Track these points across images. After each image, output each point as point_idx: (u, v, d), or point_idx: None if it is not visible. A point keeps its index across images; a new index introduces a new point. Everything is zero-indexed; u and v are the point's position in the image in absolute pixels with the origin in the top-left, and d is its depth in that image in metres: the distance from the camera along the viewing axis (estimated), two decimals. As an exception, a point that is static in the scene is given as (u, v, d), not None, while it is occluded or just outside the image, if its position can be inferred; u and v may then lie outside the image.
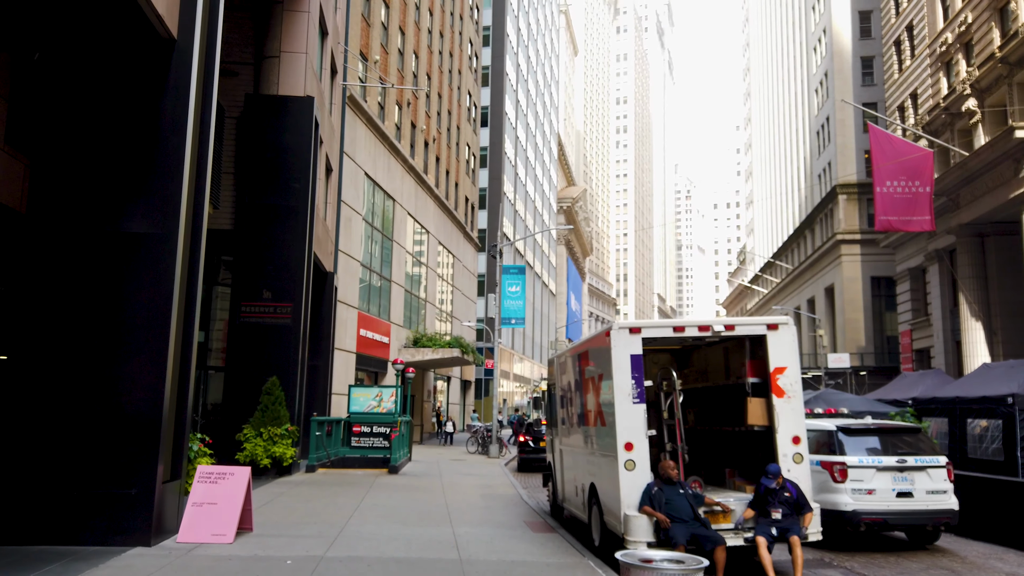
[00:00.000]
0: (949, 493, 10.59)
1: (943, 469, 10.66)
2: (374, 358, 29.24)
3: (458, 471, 20.61)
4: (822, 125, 60.83)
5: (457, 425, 44.03)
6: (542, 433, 22.43)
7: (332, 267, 24.33)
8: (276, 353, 18.01)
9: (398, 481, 17.19)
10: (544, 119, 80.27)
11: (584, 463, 10.21)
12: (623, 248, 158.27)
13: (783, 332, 8.60)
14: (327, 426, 20.26)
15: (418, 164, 35.23)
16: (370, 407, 22.03)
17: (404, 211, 33.28)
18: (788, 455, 8.34)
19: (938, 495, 10.43)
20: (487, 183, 57.22)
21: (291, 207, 18.53)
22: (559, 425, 12.15)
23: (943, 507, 10.41)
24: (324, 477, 17.44)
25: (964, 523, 11.28)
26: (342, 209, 25.93)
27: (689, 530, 7.79)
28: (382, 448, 21.32)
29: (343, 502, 13.12)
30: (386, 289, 31.16)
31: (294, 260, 18.44)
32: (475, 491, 15.70)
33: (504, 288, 28.75)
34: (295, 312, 18.23)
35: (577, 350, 10.56)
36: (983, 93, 32.94)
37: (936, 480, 10.50)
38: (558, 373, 12.25)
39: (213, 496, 9.24)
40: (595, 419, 9.42)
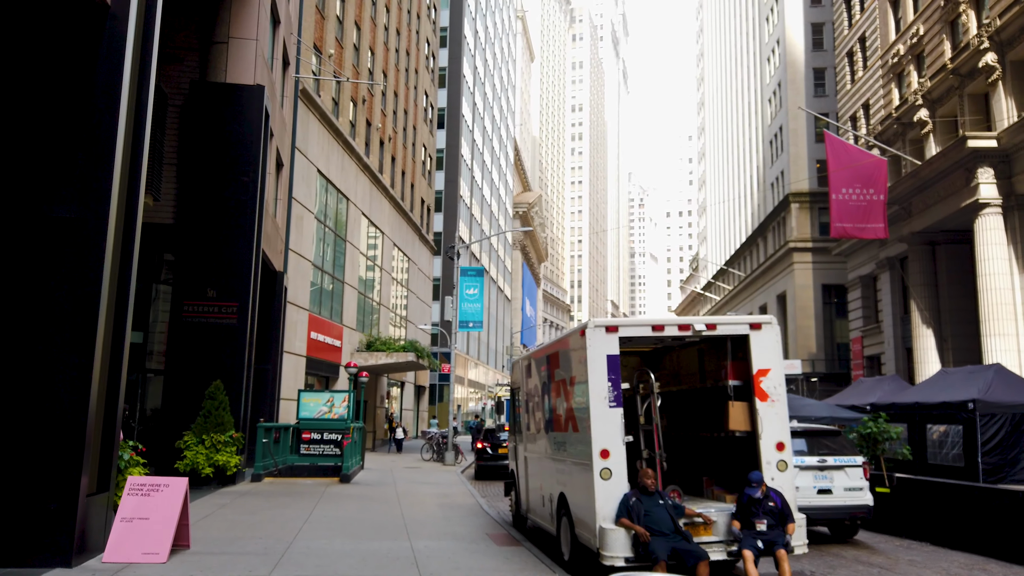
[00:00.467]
0: (865, 490, 11.39)
1: (859, 468, 11.50)
2: (325, 362, 28.19)
3: (413, 479, 19.78)
4: (775, 135, 61.69)
5: (409, 431, 43.02)
6: (501, 440, 21.75)
7: (282, 267, 23.29)
8: (221, 355, 16.97)
9: (350, 491, 16.31)
10: (501, 123, 79.83)
11: (553, 472, 9.58)
12: (578, 255, 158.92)
13: (766, 332, 8.12)
14: (275, 433, 19.25)
15: (373, 163, 34.30)
16: (321, 413, 21.06)
17: (358, 211, 32.31)
18: (772, 462, 7.85)
19: (855, 492, 11.29)
20: (443, 186, 56.41)
21: (239, 201, 17.54)
22: (524, 431, 11.50)
23: (859, 503, 11.26)
24: (271, 487, 16.46)
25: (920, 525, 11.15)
26: (293, 207, 24.91)
27: (670, 544, 7.21)
28: (333, 456, 20.37)
29: (291, 514, 12.24)
30: (339, 291, 30.14)
31: (241, 257, 17.44)
32: (432, 501, 14.94)
33: (462, 290, 28.04)
34: (242, 312, 17.22)
35: (546, 351, 9.93)
36: (935, 104, 33.56)
37: (853, 478, 11.34)
38: (523, 376, 11.61)
39: (145, 510, 8.33)
40: (566, 424, 8.80)
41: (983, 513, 10.66)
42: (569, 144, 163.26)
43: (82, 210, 8.18)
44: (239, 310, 17.19)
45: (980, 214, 28.01)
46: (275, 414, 22.35)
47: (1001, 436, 16.50)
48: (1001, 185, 27.78)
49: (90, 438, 8.13)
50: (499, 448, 21.43)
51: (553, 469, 9.52)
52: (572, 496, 8.64)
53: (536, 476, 10.71)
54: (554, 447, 9.39)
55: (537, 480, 10.68)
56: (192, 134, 17.72)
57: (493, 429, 22.39)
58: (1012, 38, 27.70)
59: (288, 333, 24.23)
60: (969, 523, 10.84)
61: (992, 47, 28.52)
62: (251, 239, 17.55)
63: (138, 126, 9.37)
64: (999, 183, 27.84)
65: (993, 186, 27.92)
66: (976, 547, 10.51)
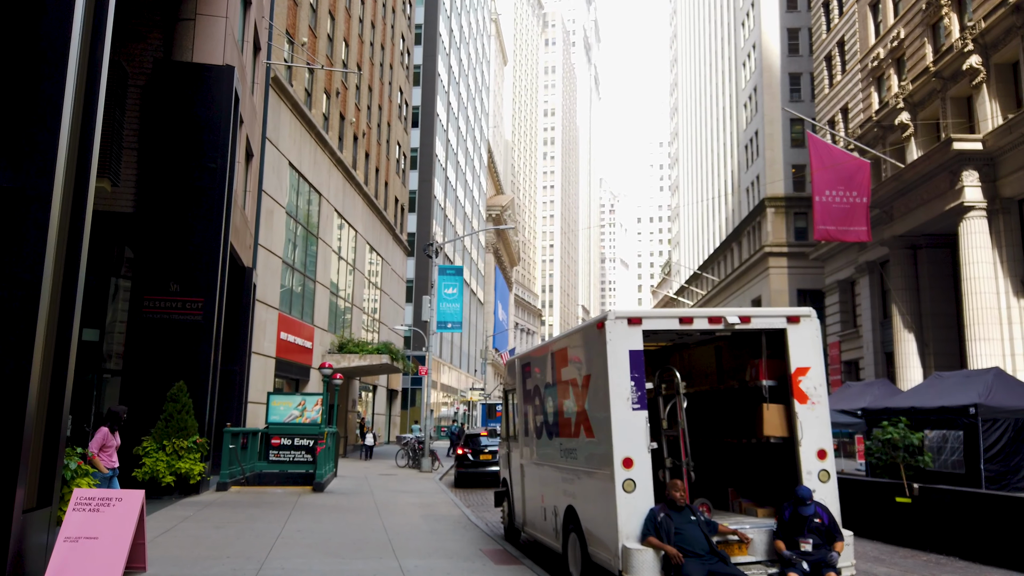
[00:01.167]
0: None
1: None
2: (296, 364, 26.91)
3: (391, 488, 18.67)
4: (750, 139, 61.63)
5: (380, 437, 41.72)
6: (483, 445, 20.73)
7: (251, 262, 22.04)
8: (184, 354, 15.72)
9: (325, 500, 15.16)
10: (475, 124, 78.86)
11: (558, 482, 8.61)
12: (549, 259, 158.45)
13: (805, 326, 7.26)
14: (243, 438, 18.01)
15: (346, 158, 33.10)
16: (292, 417, 19.85)
17: (331, 207, 31.08)
18: (813, 472, 6.97)
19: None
20: (417, 186, 55.25)
21: (205, 189, 16.32)
22: (521, 436, 10.51)
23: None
24: (239, 497, 15.24)
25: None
26: (263, 200, 23.67)
27: (705, 567, 6.29)
28: (305, 463, 19.18)
29: (262, 528, 11.10)
30: (310, 290, 28.88)
31: (207, 250, 16.22)
32: (415, 511, 13.86)
33: (440, 290, 26.95)
34: (207, 308, 16.00)
35: (550, 348, 8.97)
36: (916, 107, 33.36)
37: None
38: (519, 377, 10.63)
39: (93, 528, 7.18)
40: (577, 429, 7.84)
41: (1020, 525, 9.92)
42: (541, 148, 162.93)
43: (20, 178, 7.02)
44: (205, 306, 15.97)
45: (965, 217, 27.71)
46: (242, 418, 21.08)
47: (1004, 442, 15.92)
48: (986, 188, 27.52)
49: (28, 445, 6.97)
50: (481, 454, 20.41)
51: (559, 479, 8.55)
52: (584, 510, 7.68)
53: (536, 486, 9.73)
54: (561, 455, 8.43)
55: (536, 490, 9.70)
56: (155, 117, 16.46)
57: (474, 434, 21.35)
58: (997, 40, 27.50)
59: (257, 333, 22.96)
60: (1005, 536, 10.10)
61: (976, 49, 28.30)
62: (218, 230, 16.34)
63: (91, 95, 8.23)
64: (984, 186, 27.58)
65: (978, 189, 27.65)
66: (1014, 563, 9.77)
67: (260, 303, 23.33)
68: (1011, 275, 27.25)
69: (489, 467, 20.35)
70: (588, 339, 7.54)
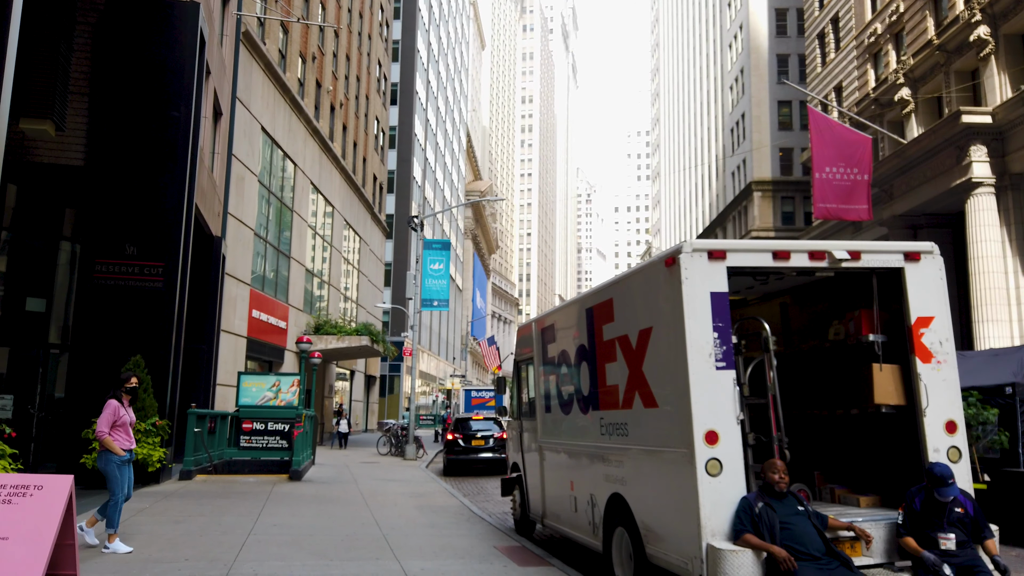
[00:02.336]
0: None
1: None
2: (269, 345, 25.04)
3: (376, 476, 16.97)
4: (736, 122, 60.50)
5: (358, 424, 39.89)
6: (474, 430, 19.11)
7: (220, 231, 20.14)
8: (142, 326, 13.86)
9: (304, 490, 13.42)
10: (454, 105, 76.85)
11: (596, 465, 7.02)
12: (526, 248, 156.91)
13: (927, 266, 5.73)
14: (210, 422, 16.19)
15: (323, 128, 31.14)
16: (265, 399, 18.06)
17: (307, 180, 29.14)
18: (941, 450, 5.45)
19: None
20: (396, 165, 53.25)
21: (167, 141, 14.43)
22: (540, 413, 8.90)
23: None
24: (205, 486, 13.46)
25: None
26: (233, 165, 21.73)
27: (824, 573, 4.73)
28: (280, 449, 17.42)
29: (231, 522, 9.38)
30: (284, 267, 26.97)
31: (169, 209, 14.35)
32: (407, 502, 12.21)
33: (425, 265, 25.19)
34: (169, 275, 14.14)
35: (587, 302, 7.35)
36: (917, 83, 32.25)
37: None
38: (538, 344, 9.01)
39: (3, 524, 5.44)
40: (628, 398, 6.25)
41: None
42: (519, 136, 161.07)
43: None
44: (166, 272, 14.11)
45: (972, 194, 26.58)
46: (210, 401, 19.24)
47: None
48: (994, 164, 26.40)
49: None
50: (472, 439, 18.79)
51: (598, 461, 6.96)
52: (639, 499, 6.09)
53: (562, 471, 8.13)
54: (603, 431, 6.83)
55: (562, 476, 8.11)
56: (110, 59, 14.49)
57: (465, 418, 19.72)
58: (1006, 10, 26.34)
59: (226, 309, 21.08)
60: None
61: (984, 20, 27.14)
62: (182, 187, 14.46)
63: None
64: (992, 162, 26.46)
65: (986, 164, 26.51)
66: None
67: (230, 277, 21.44)
68: (1020, 254, 26.21)
69: (481, 453, 18.77)
70: (649, 283, 5.93)
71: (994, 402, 15.49)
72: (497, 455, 18.82)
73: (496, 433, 19.08)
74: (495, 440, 18.93)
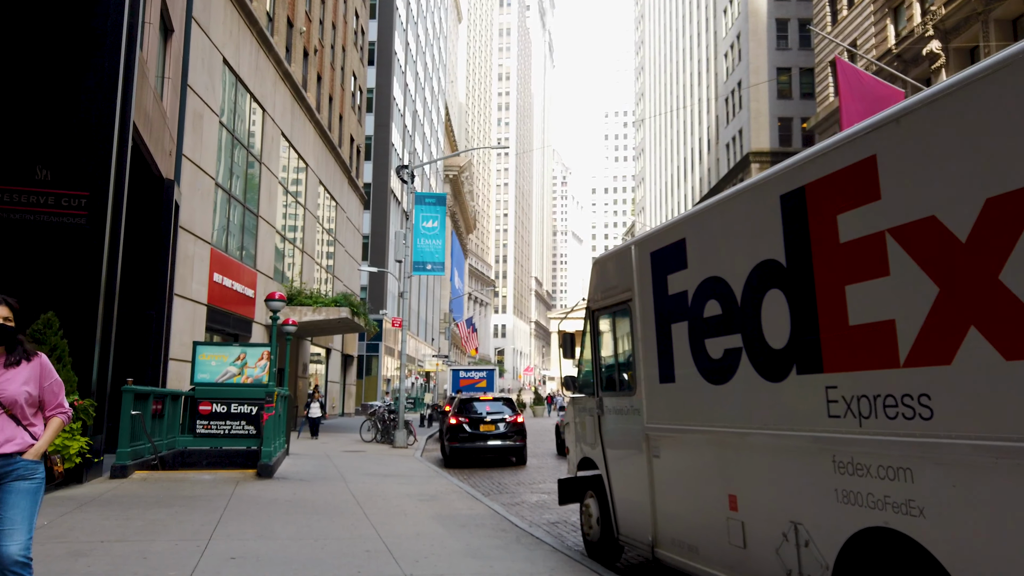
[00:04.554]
0: None
1: None
2: (234, 315, 21.55)
3: (367, 470, 13.69)
4: (732, 91, 57.68)
5: (334, 407, 36.44)
6: (483, 413, 15.90)
7: (172, 174, 16.60)
8: (57, 273, 10.44)
9: (277, 492, 10.11)
10: (432, 74, 72.98)
11: (815, 471, 3.86)
12: (503, 229, 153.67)
13: None
14: (155, 403, 12.77)
15: (295, 74, 27.48)
16: (228, 375, 14.70)
17: (277, 129, 25.53)
18: None
19: None
20: (373, 131, 49.50)
21: (92, 33, 10.92)
22: (651, 385, 5.69)
23: None
24: (143, 487, 10.09)
25: None
26: (189, 99, 18.15)
27: None
28: (246, 436, 14.11)
29: (163, 552, 6.11)
30: (251, 226, 23.42)
31: (96, 125, 10.88)
32: (418, 509, 8.98)
33: (417, 223, 21.77)
34: (96, 209, 10.70)
35: (793, 180, 4.12)
36: (948, 35, 29.55)
37: None
38: (649, 277, 5.77)
39: None
40: (936, 342, 3.11)
41: None
42: (496, 114, 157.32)
43: None
44: (91, 205, 10.66)
45: None
46: (161, 378, 15.82)
47: None
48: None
49: None
50: (481, 424, 15.57)
51: (823, 464, 3.79)
52: (960, 547, 2.96)
53: (706, 477, 4.96)
54: (847, 412, 3.66)
55: (706, 485, 4.95)
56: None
57: (470, 399, 16.49)
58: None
59: (181, 270, 17.59)
60: None
61: (1036, -43, 24.40)
62: (112, 96, 10.98)
63: None
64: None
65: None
66: None
67: (186, 232, 17.92)
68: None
69: (490, 441, 15.57)
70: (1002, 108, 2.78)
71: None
72: (509, 442, 15.68)
73: (508, 416, 15.91)
74: (507, 424, 15.76)
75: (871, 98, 28.75)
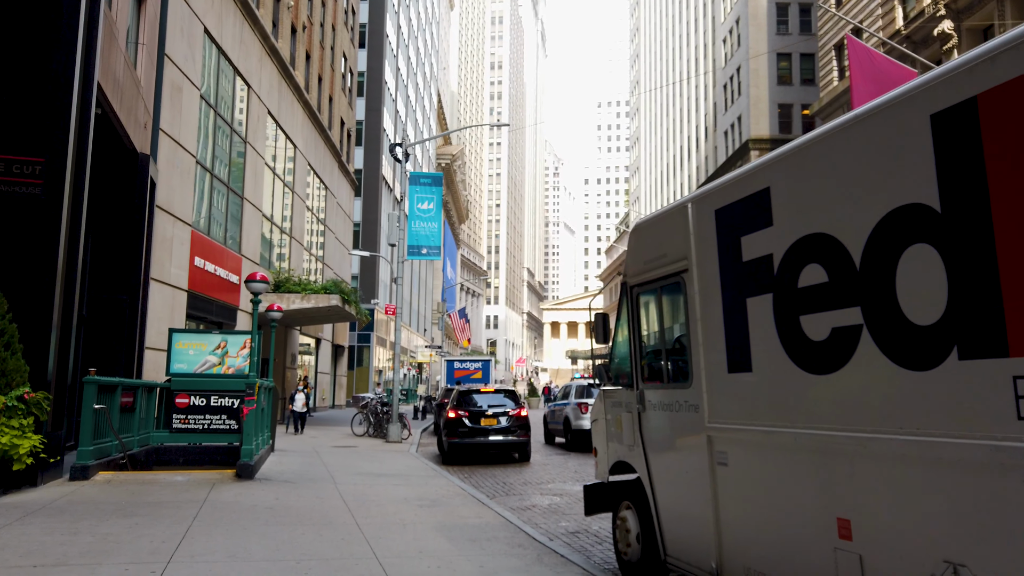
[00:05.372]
0: None
1: None
2: (218, 303, 20.33)
3: (359, 468, 12.53)
4: (731, 77, 56.60)
5: (324, 399, 35.27)
6: (483, 406, 14.77)
7: (148, 148, 15.34)
8: (8, 250, 9.23)
9: (257, 496, 8.95)
10: (424, 59, 71.51)
11: (995, 493, 2.74)
12: (495, 219, 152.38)
13: None
14: (124, 395, 11.57)
15: (283, 50, 26.16)
16: (207, 365, 13.53)
17: (263, 107, 24.23)
18: None
19: None
20: (364, 115, 48.13)
21: (49, -20, 9.67)
22: (715, 374, 4.54)
23: None
24: (104, 491, 8.91)
25: None
26: (167, 69, 16.87)
27: None
28: (227, 432, 12.97)
29: (112, 573, 4.95)
30: (236, 209, 22.15)
31: (51, 83, 9.64)
32: (418, 517, 7.85)
33: (412, 205, 20.53)
34: (53, 177, 9.48)
35: (962, 89, 2.98)
36: (960, 14, 28.58)
37: None
38: (714, 239, 4.62)
39: None
40: None
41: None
42: (488, 103, 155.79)
43: None
44: (48, 172, 9.44)
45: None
46: (136, 369, 14.60)
47: None
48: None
49: None
50: (482, 418, 14.44)
51: (1013, 487, 2.68)
52: None
53: (797, 493, 3.84)
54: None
55: (797, 503, 3.83)
56: None
57: (469, 390, 15.34)
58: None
59: (159, 253, 16.36)
60: None
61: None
62: (71, 53, 9.74)
63: None
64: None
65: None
66: None
67: (164, 212, 16.67)
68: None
69: (492, 436, 14.45)
70: None
71: None
72: (512, 438, 14.56)
73: (510, 409, 14.78)
74: (509, 418, 14.64)
75: (883, 78, 27.57)
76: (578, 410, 17.29)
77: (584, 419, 16.90)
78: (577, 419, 17.25)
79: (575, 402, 17.75)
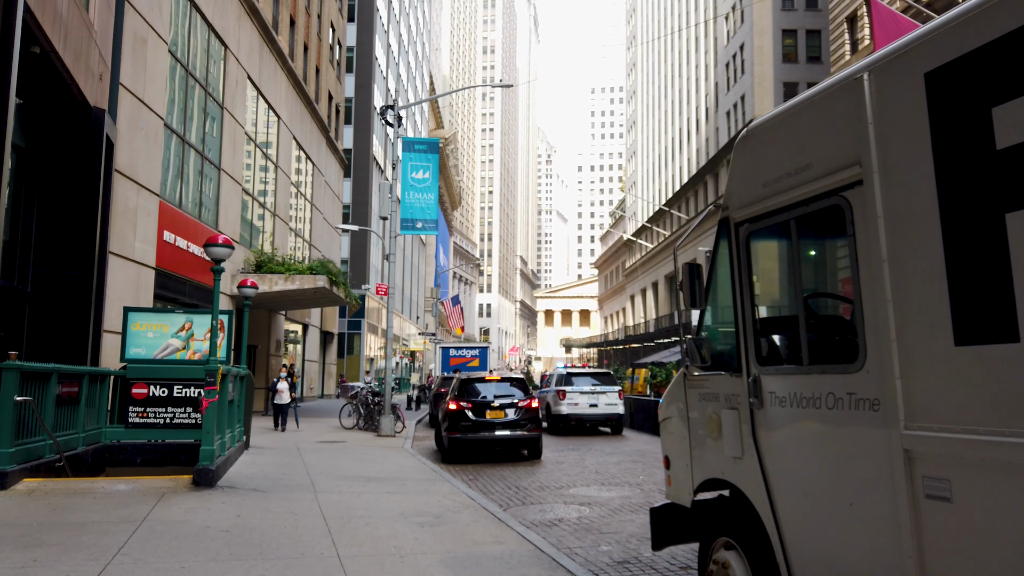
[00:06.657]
0: (619, 406, 19.38)
1: (616, 393, 19.45)
2: (191, 282, 18.41)
3: (345, 471, 10.68)
4: (733, 55, 54.72)
5: (312, 389, 33.38)
6: (488, 398, 12.94)
7: (104, 103, 13.38)
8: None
9: (211, 514, 7.09)
10: (417, 38, 69.26)
11: None
12: (488, 206, 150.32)
13: None
14: (67, 384, 9.68)
15: (264, 11, 24.12)
16: (170, 350, 11.66)
17: (242, 71, 22.21)
18: None
19: (612, 406, 19.18)
20: (354, 92, 46.02)
21: None
22: (946, 346, 2.74)
23: (613, 412, 19.19)
24: (20, 506, 7.04)
25: None
26: (128, 16, 14.88)
27: None
28: (192, 427, 11.13)
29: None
30: (212, 180, 20.18)
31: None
32: (421, 544, 6.03)
33: (405, 174, 18.50)
34: (-40, 113, 7.55)
35: None
36: (990, -23, 26.73)
37: (611, 399, 19.20)
38: (945, 107, 2.76)
39: None
40: None
41: None
42: (481, 89, 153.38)
43: None
44: (-49, 106, 7.51)
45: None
46: (91, 354, 12.71)
47: None
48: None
49: None
50: (488, 410, 12.62)
51: None
52: None
53: None
54: None
55: None
56: None
57: (472, 379, 13.51)
58: None
59: (120, 224, 14.43)
60: None
61: None
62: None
63: None
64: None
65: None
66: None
67: (126, 178, 14.73)
68: None
69: (499, 430, 12.64)
70: None
71: None
72: (521, 432, 12.75)
73: (519, 399, 12.97)
74: (517, 410, 12.84)
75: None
76: (557, 397, 19.43)
77: (563, 405, 19.23)
78: (556, 405, 19.43)
79: (555, 389, 19.73)
